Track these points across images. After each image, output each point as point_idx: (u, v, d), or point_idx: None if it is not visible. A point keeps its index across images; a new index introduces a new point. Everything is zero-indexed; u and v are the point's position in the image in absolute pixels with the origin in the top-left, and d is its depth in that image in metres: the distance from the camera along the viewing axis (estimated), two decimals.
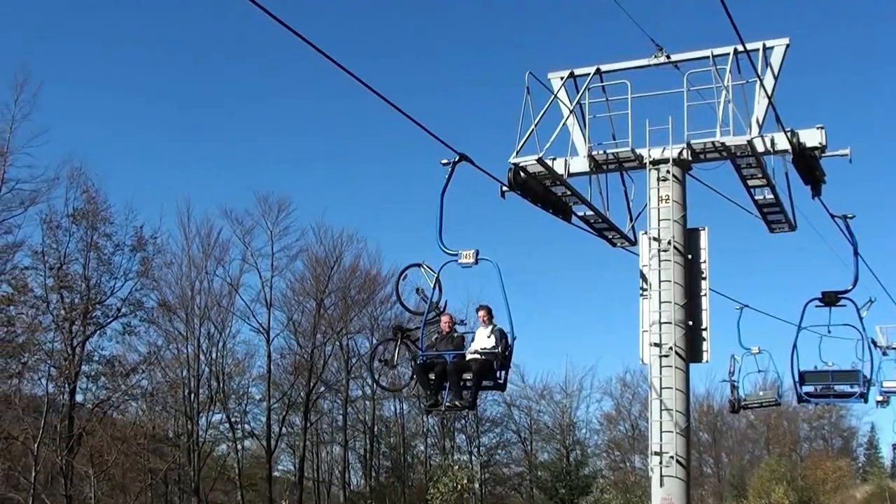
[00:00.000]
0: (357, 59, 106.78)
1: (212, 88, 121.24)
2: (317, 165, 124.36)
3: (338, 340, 78.02)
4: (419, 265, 21.72)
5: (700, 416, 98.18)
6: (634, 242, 25.97)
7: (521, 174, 23.59)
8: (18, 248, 58.13)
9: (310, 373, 74.90)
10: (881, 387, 41.04)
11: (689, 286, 23.30)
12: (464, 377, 20.64)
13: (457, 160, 18.49)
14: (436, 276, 20.86)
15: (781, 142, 22.64)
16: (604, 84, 24.64)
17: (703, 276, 23.53)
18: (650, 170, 23.69)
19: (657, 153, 23.64)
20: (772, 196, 24.51)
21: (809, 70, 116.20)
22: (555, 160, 24.17)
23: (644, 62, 24.48)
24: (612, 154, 24.25)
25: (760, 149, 22.61)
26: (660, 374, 22.87)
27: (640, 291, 23.89)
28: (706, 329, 23.31)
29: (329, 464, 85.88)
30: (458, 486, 69.75)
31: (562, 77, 25.06)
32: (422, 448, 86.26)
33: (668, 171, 23.45)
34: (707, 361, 23.52)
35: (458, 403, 20.65)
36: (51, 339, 58.07)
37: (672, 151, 23.38)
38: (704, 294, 23.44)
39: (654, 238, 23.42)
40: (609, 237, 27.11)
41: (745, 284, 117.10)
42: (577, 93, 24.69)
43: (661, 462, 22.58)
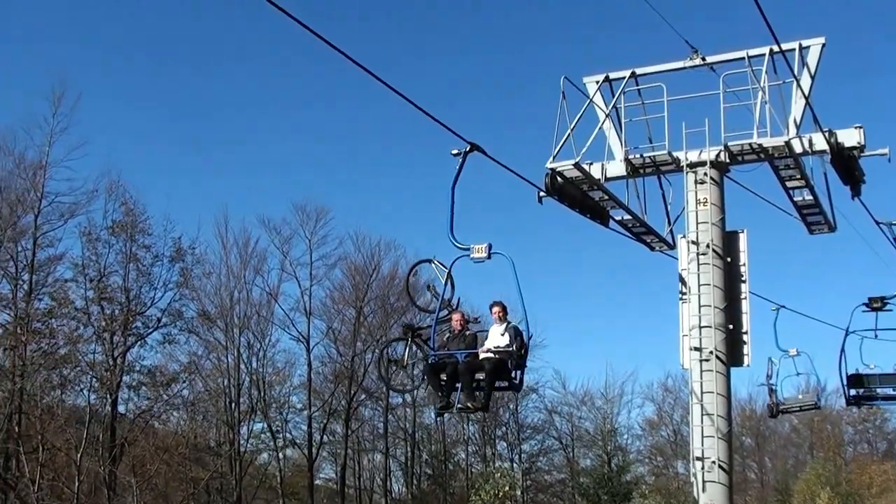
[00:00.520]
0: (388, 64, 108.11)
1: (243, 96, 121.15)
2: (354, 172, 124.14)
3: (378, 348, 77.97)
4: (430, 261, 20.87)
5: (743, 421, 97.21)
6: (673, 246, 25.84)
7: (558, 179, 23.53)
8: (59, 261, 58.72)
9: (350, 381, 74.94)
10: None
11: (729, 289, 23.15)
12: (476, 377, 19.61)
13: (468, 150, 17.68)
14: (447, 272, 19.88)
15: (819, 142, 22.46)
16: (639, 87, 24.54)
17: (743, 279, 23.36)
18: (687, 173, 23.57)
19: (694, 156, 23.51)
20: (811, 197, 24.32)
21: (847, 70, 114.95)
22: (591, 165, 24.12)
23: (679, 65, 24.39)
24: (649, 157, 24.14)
25: (798, 149, 22.43)
26: (700, 379, 22.72)
27: (680, 295, 23.75)
28: (747, 332, 23.14)
29: (370, 471, 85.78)
30: (500, 494, 69.54)
31: (597, 81, 25.01)
32: (463, 456, 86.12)
33: (706, 174, 23.32)
34: (748, 365, 23.37)
35: (471, 405, 19.61)
36: (92, 351, 58.42)
37: (709, 154, 23.26)
38: (744, 297, 23.27)
39: (693, 241, 23.29)
40: (648, 241, 26.98)
41: (782, 285, 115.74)
42: (613, 96, 24.61)
43: (703, 467, 22.42)
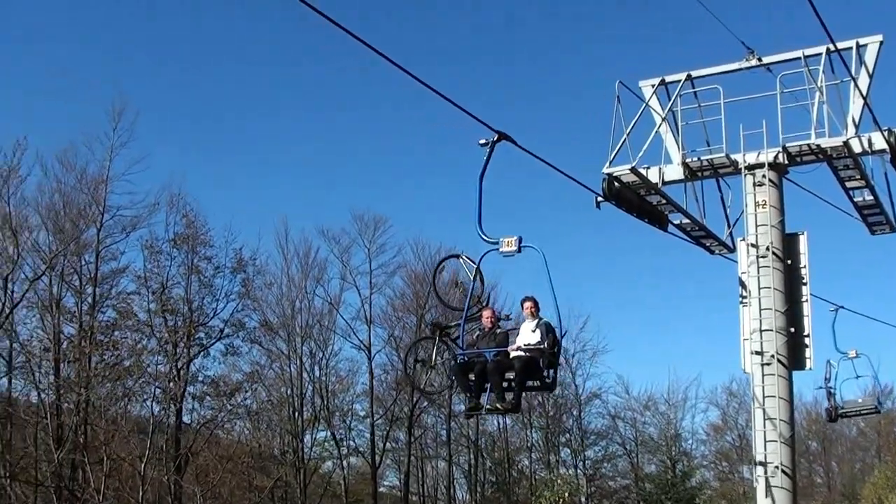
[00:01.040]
0: (434, 66, 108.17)
1: (299, 104, 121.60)
2: (411, 179, 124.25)
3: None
4: (457, 256, 20.40)
5: (809, 425, 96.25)
6: (733, 249, 25.65)
7: (615, 184, 23.45)
8: (122, 274, 59.42)
9: (412, 389, 75.04)
10: None
11: (790, 292, 22.93)
12: (507, 377, 18.70)
13: (495, 139, 16.98)
14: (476, 267, 19.11)
15: (879, 141, 22.22)
16: (695, 90, 24.41)
17: (804, 282, 23.14)
18: (746, 175, 23.40)
19: (752, 158, 23.34)
20: (871, 197, 24.06)
21: None
22: (648, 169, 24.00)
23: (735, 66, 24.23)
24: (707, 160, 23.98)
25: (857, 149, 22.19)
26: (762, 383, 22.54)
27: (740, 299, 23.58)
28: (808, 335, 22.92)
29: (434, 479, 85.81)
30: (561, 500, 69.25)
31: (653, 85, 24.93)
32: (526, 463, 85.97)
33: (764, 176, 23.15)
34: (810, 369, 23.16)
35: (500, 406, 18.60)
36: (155, 362, 59.01)
37: (767, 156, 23.08)
38: (805, 300, 23.05)
39: (752, 244, 23.11)
40: (707, 245, 26.84)
41: (840, 286, 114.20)
42: (669, 100, 24.49)
43: (766, 472, 22.22)
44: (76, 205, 57.27)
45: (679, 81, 24.46)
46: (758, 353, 22.61)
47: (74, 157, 58.01)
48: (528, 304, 19.45)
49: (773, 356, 22.40)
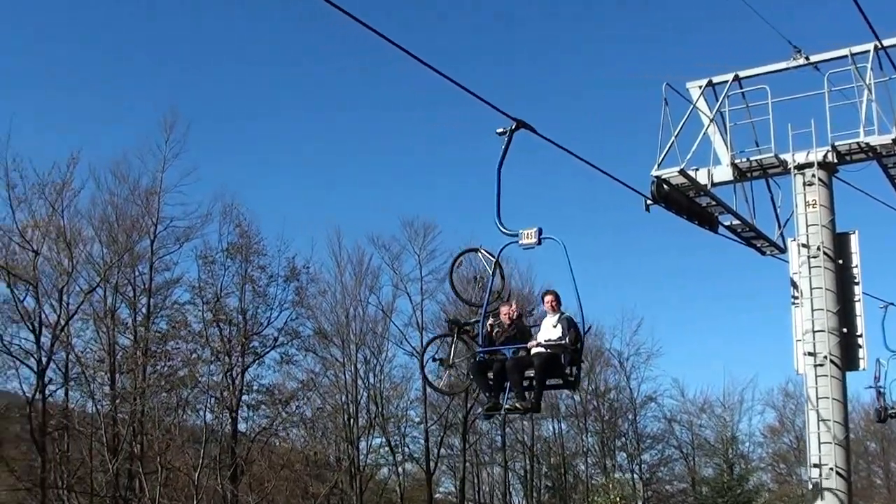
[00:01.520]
0: (472, 67, 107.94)
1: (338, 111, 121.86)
2: (462, 182, 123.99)
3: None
4: (476, 250, 19.65)
5: (867, 425, 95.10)
6: (784, 250, 25.48)
7: (664, 186, 23.38)
8: (176, 284, 59.91)
9: (466, 394, 74.87)
10: None
11: (842, 292, 22.75)
12: (527, 375, 17.77)
13: (514, 127, 16.36)
14: (495, 261, 18.39)
15: None
16: (743, 90, 24.30)
17: (856, 282, 22.96)
18: (795, 175, 23.29)
19: (801, 157, 23.21)
20: None
21: None
22: (697, 170, 23.90)
23: (783, 65, 24.10)
24: (756, 161, 23.88)
25: None
26: (815, 385, 22.41)
27: (792, 300, 23.42)
28: (861, 336, 22.74)
29: (490, 485, 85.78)
30: None
31: (700, 86, 24.83)
32: (582, 468, 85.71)
33: (814, 175, 23.01)
34: (864, 369, 23.00)
35: (520, 405, 17.65)
36: (210, 372, 59.40)
37: (816, 155, 22.95)
38: (858, 299, 22.87)
39: (803, 244, 22.95)
40: (758, 246, 26.67)
41: (891, 282, 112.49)
42: (717, 101, 24.39)
43: (821, 474, 22.05)
44: (129, 216, 57.89)
45: (726, 82, 24.38)
46: (811, 354, 22.47)
47: (127, 170, 58.68)
48: (549, 298, 18.73)
49: (826, 357, 22.25)
